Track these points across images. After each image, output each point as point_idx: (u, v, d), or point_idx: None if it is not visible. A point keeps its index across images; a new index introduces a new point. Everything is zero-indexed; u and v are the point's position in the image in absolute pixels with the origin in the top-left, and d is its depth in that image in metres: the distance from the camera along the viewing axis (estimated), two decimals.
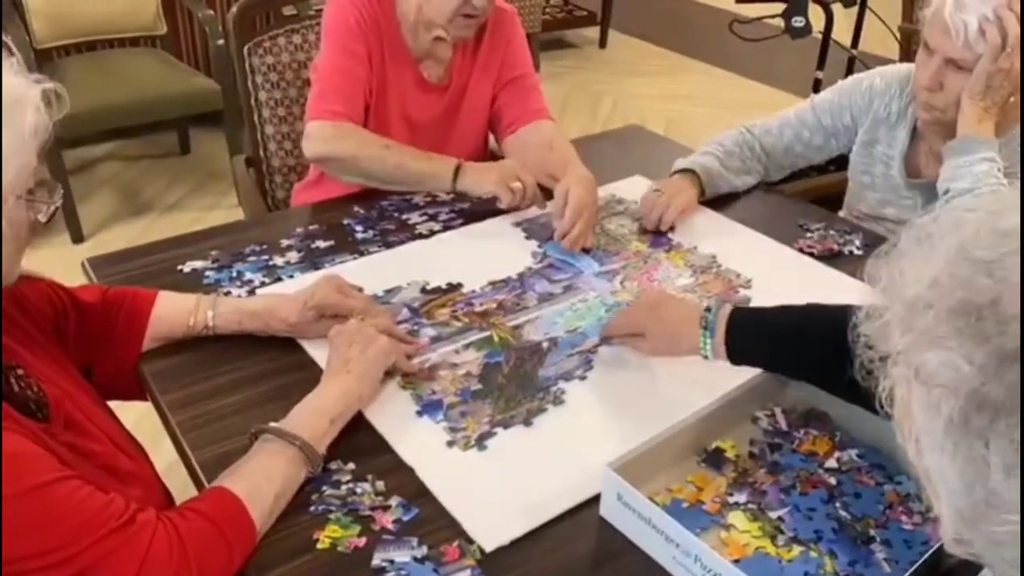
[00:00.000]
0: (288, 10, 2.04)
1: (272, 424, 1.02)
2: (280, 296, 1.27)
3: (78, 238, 3.10)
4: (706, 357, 1.13)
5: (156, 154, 3.76)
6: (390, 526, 0.96)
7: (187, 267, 1.42)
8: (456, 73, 1.76)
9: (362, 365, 1.11)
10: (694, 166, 1.66)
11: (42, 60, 3.24)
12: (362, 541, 0.94)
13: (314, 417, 1.04)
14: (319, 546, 0.94)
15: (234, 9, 1.94)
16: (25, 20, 3.17)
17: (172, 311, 1.21)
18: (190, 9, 3.45)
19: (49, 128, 0.89)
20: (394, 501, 0.99)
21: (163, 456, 1.15)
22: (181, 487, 1.11)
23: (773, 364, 1.13)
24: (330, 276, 1.28)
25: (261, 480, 0.95)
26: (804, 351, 1.07)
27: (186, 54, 3.72)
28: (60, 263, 1.38)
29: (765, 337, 1.12)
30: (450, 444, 1.08)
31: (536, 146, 1.73)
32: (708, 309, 1.14)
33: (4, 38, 0.91)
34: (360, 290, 1.31)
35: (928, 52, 1.46)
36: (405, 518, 0.97)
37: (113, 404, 1.16)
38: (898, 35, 3.20)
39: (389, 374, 1.17)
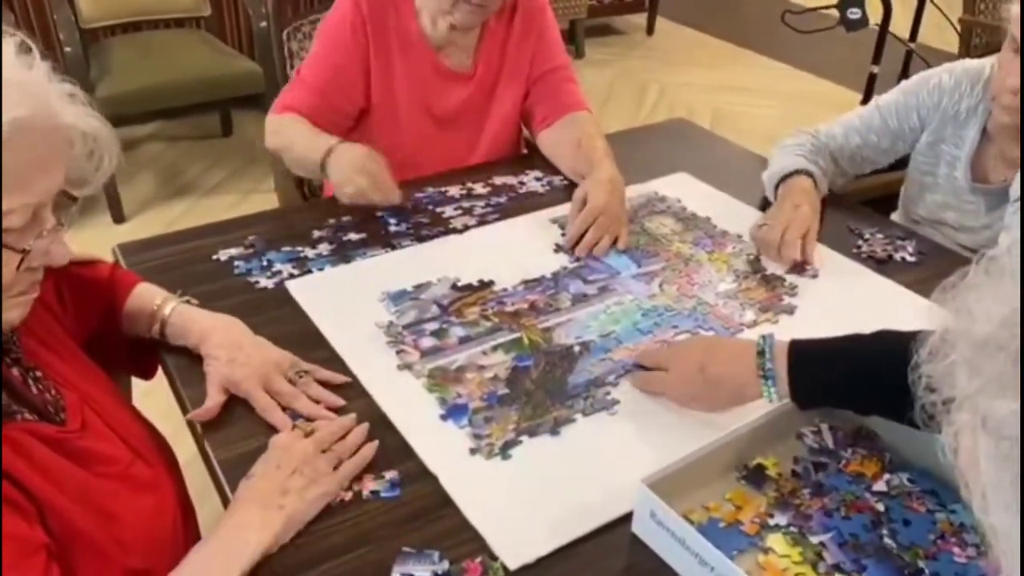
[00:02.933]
0: None
1: None
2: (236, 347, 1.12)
3: (119, 219, 3.13)
4: (771, 401, 1.04)
5: (198, 135, 3.78)
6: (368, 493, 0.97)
7: (223, 255, 1.40)
8: (483, 61, 1.71)
9: (297, 506, 0.92)
10: (806, 168, 1.52)
11: (88, 40, 3.27)
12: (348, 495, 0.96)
13: (219, 571, 0.85)
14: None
15: None
16: (72, 0, 3.19)
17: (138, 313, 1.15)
18: None
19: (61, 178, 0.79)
20: (385, 477, 0.99)
21: (181, 452, 1.13)
22: (201, 486, 1.09)
23: (850, 403, 1.04)
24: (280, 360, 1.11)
25: None
26: (884, 384, 0.95)
27: (230, 36, 3.74)
28: (100, 243, 1.37)
29: (838, 376, 1.01)
30: (473, 451, 1.03)
31: (567, 143, 1.68)
32: (761, 352, 1.03)
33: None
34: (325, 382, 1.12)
35: (1017, 52, 1.36)
36: (388, 495, 0.97)
37: (136, 403, 1.13)
38: (958, 28, 3.08)
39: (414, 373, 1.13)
